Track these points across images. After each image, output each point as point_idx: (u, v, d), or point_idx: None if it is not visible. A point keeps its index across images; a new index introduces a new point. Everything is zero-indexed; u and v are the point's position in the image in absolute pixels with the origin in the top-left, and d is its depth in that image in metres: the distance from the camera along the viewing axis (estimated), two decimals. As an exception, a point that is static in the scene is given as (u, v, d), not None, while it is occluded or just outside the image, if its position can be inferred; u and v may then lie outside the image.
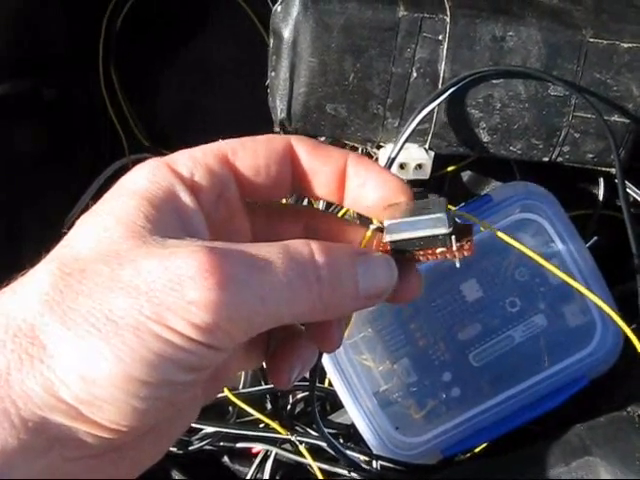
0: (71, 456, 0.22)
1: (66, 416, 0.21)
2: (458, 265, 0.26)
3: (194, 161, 0.26)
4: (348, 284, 0.24)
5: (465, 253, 0.26)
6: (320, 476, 0.47)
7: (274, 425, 0.48)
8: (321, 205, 0.47)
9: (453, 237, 0.25)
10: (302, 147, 0.28)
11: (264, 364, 0.31)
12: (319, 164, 0.28)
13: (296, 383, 0.49)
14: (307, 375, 0.50)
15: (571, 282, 0.30)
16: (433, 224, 0.25)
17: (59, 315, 0.21)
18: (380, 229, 0.27)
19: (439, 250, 0.26)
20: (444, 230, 0.25)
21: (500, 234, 0.27)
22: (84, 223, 0.24)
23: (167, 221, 0.24)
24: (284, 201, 0.40)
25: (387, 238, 0.26)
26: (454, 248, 0.26)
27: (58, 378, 0.21)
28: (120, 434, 0.22)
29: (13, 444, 0.20)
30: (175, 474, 0.50)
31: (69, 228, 0.24)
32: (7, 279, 0.23)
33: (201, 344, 0.21)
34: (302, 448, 0.47)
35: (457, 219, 0.27)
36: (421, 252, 0.26)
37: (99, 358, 0.21)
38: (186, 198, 0.25)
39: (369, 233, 0.27)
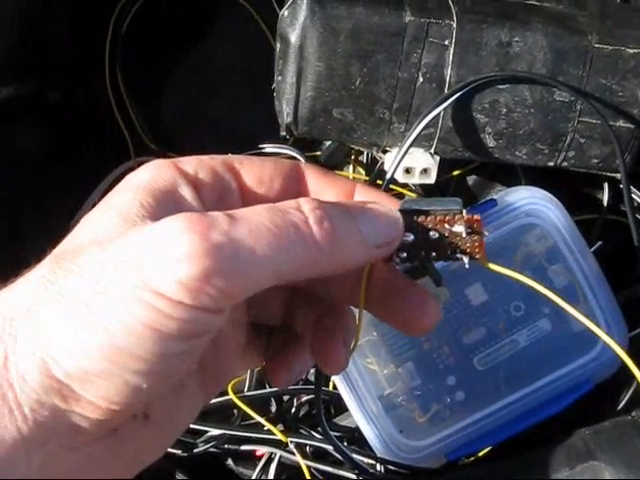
0: (68, 444, 0.22)
1: (59, 397, 0.21)
2: (467, 266, 0.26)
3: (199, 161, 0.26)
4: (348, 230, 0.24)
5: (474, 225, 0.26)
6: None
7: (275, 431, 0.48)
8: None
9: (464, 211, 0.26)
10: (310, 171, 0.28)
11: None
12: (326, 187, 0.28)
13: (301, 386, 0.50)
14: (312, 378, 0.51)
15: (560, 302, 0.30)
16: (447, 203, 0.26)
17: (52, 294, 0.21)
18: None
19: (448, 217, 0.26)
20: (457, 207, 0.26)
21: (492, 265, 0.27)
22: (88, 219, 0.24)
23: (164, 211, 0.24)
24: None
25: (399, 207, 0.26)
26: (464, 214, 0.26)
27: (50, 356, 0.21)
28: (113, 414, 0.22)
29: (12, 434, 0.20)
30: (179, 476, 0.50)
31: (74, 225, 0.24)
32: (10, 277, 0.23)
33: (193, 307, 0.20)
34: (298, 457, 0.47)
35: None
36: (430, 217, 0.26)
37: (88, 332, 0.20)
38: (187, 192, 0.25)
39: None
